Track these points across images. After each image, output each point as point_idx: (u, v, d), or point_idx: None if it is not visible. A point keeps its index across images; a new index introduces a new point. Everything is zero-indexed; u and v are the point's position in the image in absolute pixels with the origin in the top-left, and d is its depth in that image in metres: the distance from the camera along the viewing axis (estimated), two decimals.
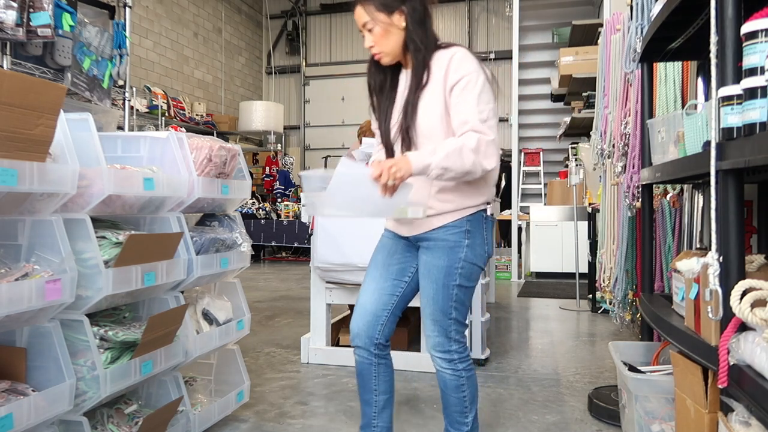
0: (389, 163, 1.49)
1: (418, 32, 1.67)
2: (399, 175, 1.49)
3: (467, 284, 1.73)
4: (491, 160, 1.58)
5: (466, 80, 1.60)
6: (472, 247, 1.72)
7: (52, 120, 1.45)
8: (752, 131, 1.17)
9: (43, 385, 1.54)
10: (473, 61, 1.64)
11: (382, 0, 1.67)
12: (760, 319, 1.11)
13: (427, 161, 1.53)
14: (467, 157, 1.54)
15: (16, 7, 2.27)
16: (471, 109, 1.59)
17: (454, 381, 1.75)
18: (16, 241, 1.57)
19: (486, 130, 1.57)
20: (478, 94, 1.60)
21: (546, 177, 8.16)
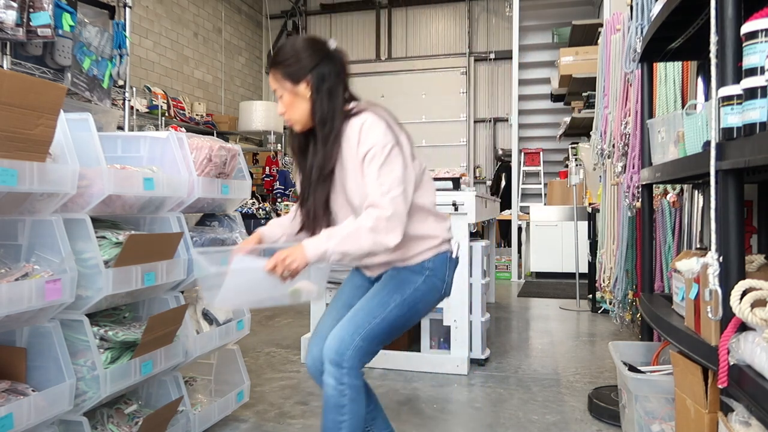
0: (283, 255, 1.48)
1: (323, 104, 1.63)
2: (293, 267, 1.48)
3: (406, 309, 1.65)
4: (393, 235, 1.52)
5: (372, 153, 1.56)
6: (430, 279, 1.68)
7: (52, 120, 1.45)
8: (752, 131, 1.17)
9: (43, 385, 1.54)
10: (381, 128, 1.59)
11: (289, 69, 1.64)
12: (760, 319, 1.11)
13: (323, 248, 1.50)
14: (364, 238, 1.50)
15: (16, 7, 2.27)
16: (372, 182, 1.55)
17: (335, 397, 1.56)
18: (16, 241, 1.57)
19: (385, 204, 1.51)
20: (380, 166, 1.55)
21: (546, 177, 8.15)
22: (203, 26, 8.26)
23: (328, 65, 1.66)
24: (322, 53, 1.67)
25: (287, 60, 1.65)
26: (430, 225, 1.69)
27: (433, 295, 1.71)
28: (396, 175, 1.56)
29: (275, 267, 1.47)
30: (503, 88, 9.07)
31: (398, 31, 9.59)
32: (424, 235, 1.67)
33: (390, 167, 1.56)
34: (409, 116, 9.22)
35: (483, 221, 4.62)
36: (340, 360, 1.55)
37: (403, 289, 1.65)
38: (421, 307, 1.70)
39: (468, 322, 3.15)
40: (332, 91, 1.64)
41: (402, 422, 2.42)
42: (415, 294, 1.66)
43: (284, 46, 1.68)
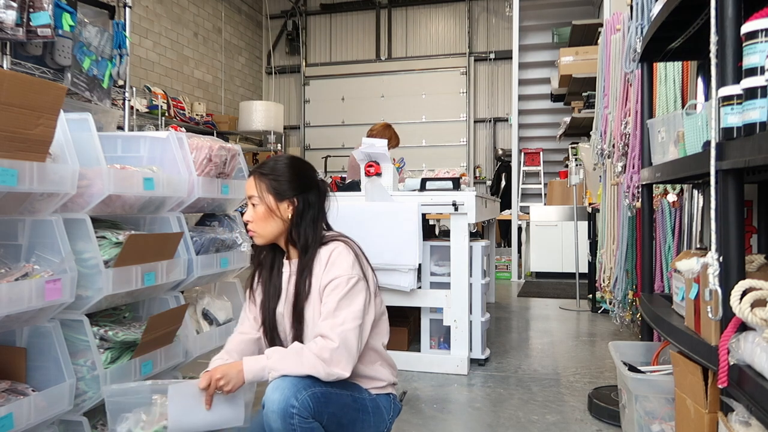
0: (218, 375, 1.46)
1: (306, 229, 1.62)
2: (227, 388, 1.46)
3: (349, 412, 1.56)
4: (338, 368, 1.47)
5: (336, 283, 1.55)
6: (373, 404, 1.63)
7: (52, 120, 1.45)
8: (752, 131, 1.17)
9: (43, 385, 1.54)
10: (349, 260, 1.58)
11: (277, 184, 1.62)
12: (760, 319, 1.11)
13: (262, 364, 1.48)
14: (308, 359, 1.46)
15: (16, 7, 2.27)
16: (328, 313, 1.53)
17: None
18: (16, 241, 1.57)
19: (334, 336, 1.48)
20: (339, 298, 1.53)
21: (546, 177, 8.15)
22: (203, 26, 8.26)
23: (315, 193, 1.66)
24: (312, 180, 1.68)
25: (279, 175, 1.63)
26: (377, 369, 1.66)
27: (378, 421, 1.63)
28: (354, 309, 1.53)
29: (208, 386, 1.46)
30: (503, 88, 9.07)
31: (398, 31, 9.59)
32: (371, 376, 1.65)
33: (350, 300, 1.54)
34: (409, 116, 9.24)
35: (483, 221, 4.62)
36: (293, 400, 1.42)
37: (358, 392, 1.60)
38: (367, 419, 1.61)
39: (468, 322, 3.15)
40: (316, 219, 1.65)
41: (402, 422, 2.42)
42: (367, 403, 1.61)
43: (278, 161, 1.67)
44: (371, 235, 3.09)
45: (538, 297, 5.78)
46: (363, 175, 3.25)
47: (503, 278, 7.05)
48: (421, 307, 3.23)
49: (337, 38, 9.87)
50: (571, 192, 6.11)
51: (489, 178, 9.08)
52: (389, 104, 9.28)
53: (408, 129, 8.97)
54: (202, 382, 1.47)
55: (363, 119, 8.82)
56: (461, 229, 3.12)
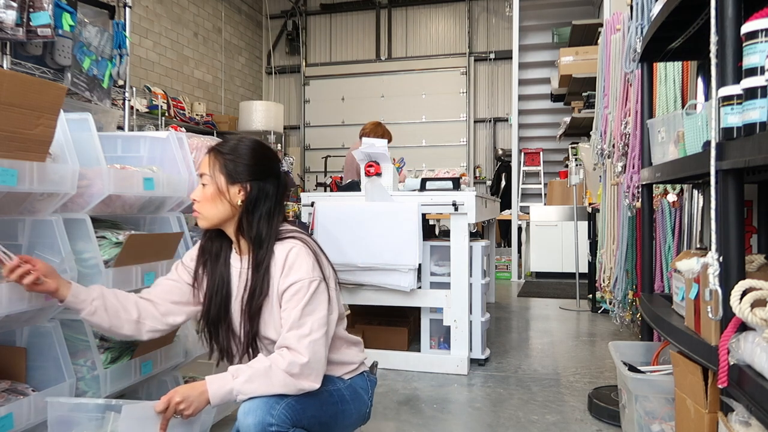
0: (177, 398, 1.34)
1: (260, 222, 1.51)
2: (188, 412, 1.34)
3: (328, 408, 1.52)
4: (308, 381, 1.40)
5: (296, 288, 1.46)
6: (350, 390, 1.59)
7: (52, 120, 1.45)
8: (752, 131, 1.17)
9: (43, 385, 1.54)
10: (309, 262, 1.49)
11: (231, 165, 1.51)
12: (760, 319, 1.11)
13: (229, 386, 1.37)
14: (276, 378, 1.38)
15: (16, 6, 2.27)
16: (292, 322, 1.43)
17: None
18: (16, 241, 1.57)
19: (302, 349, 1.40)
20: (303, 306, 1.44)
21: (546, 177, 8.15)
22: (203, 26, 8.26)
23: (273, 184, 1.54)
24: (272, 170, 1.56)
25: (235, 156, 1.52)
26: (345, 353, 1.63)
27: (359, 405, 1.61)
28: (319, 317, 1.46)
29: (166, 409, 1.33)
30: (503, 88, 9.06)
31: (398, 31, 9.59)
32: (342, 361, 1.61)
33: (313, 307, 1.46)
34: (409, 116, 9.24)
35: (483, 221, 4.62)
36: (269, 417, 1.37)
37: (332, 384, 1.56)
38: (347, 408, 1.58)
39: (468, 322, 3.15)
40: (271, 213, 1.53)
41: (402, 422, 2.42)
42: (344, 392, 1.58)
43: (240, 141, 1.55)
44: (371, 235, 3.09)
45: (538, 297, 5.78)
46: (363, 175, 3.25)
47: (503, 278, 7.05)
48: (421, 307, 3.23)
49: (337, 38, 9.87)
50: (571, 192, 6.11)
51: (489, 178, 9.08)
52: (389, 104, 9.28)
53: (408, 129, 8.98)
54: (160, 405, 1.34)
55: (363, 119, 8.78)
56: (461, 229, 3.12)
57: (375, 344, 3.34)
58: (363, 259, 3.10)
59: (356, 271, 3.14)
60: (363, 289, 3.23)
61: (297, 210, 8.22)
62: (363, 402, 1.63)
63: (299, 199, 4.07)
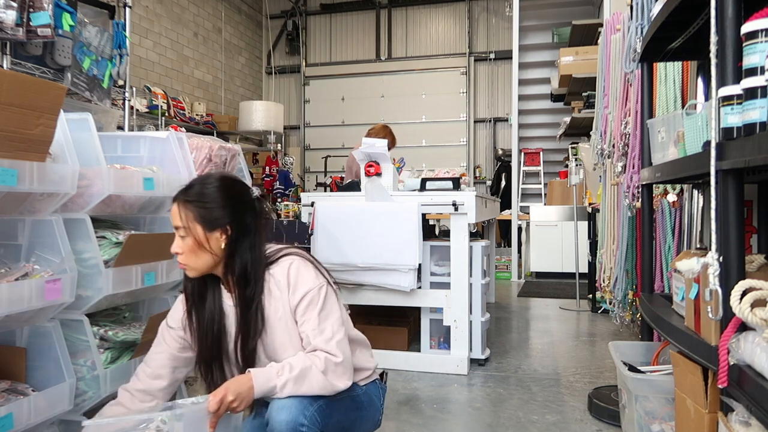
0: (231, 396, 1.35)
1: (243, 257, 1.47)
2: (240, 406, 1.37)
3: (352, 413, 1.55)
4: (343, 381, 1.45)
5: (309, 298, 1.47)
6: (366, 397, 1.61)
7: (52, 120, 1.45)
8: (752, 131, 1.17)
9: (43, 385, 1.54)
10: (310, 273, 1.50)
11: (204, 212, 1.45)
12: (760, 319, 1.11)
13: (272, 383, 1.39)
14: (315, 379, 1.41)
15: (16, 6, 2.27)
16: (313, 329, 1.46)
17: None
18: (16, 241, 1.57)
19: (334, 349, 1.44)
20: (319, 312, 1.47)
21: (546, 177, 8.15)
22: (203, 26, 8.26)
23: (250, 215, 1.50)
24: (245, 201, 1.51)
25: (207, 202, 1.45)
26: (360, 358, 1.63)
27: (374, 412, 1.64)
28: (336, 318, 1.49)
29: (219, 409, 1.34)
30: (503, 88, 9.06)
31: (398, 31, 9.59)
32: (358, 367, 1.61)
33: (329, 311, 1.49)
34: (409, 116, 9.24)
35: (483, 221, 4.62)
36: (302, 418, 1.40)
37: (353, 390, 1.55)
38: (366, 414, 1.60)
39: (468, 322, 3.15)
40: (254, 245, 1.49)
41: (402, 422, 2.42)
42: (362, 397, 1.59)
43: (206, 184, 1.48)
44: (371, 235, 3.09)
45: (538, 297, 5.78)
46: (363, 175, 3.25)
47: (503, 278, 7.05)
48: (421, 307, 3.23)
49: (337, 38, 9.87)
50: (571, 192, 6.11)
51: (489, 178, 9.08)
52: (389, 104, 9.28)
53: (408, 129, 8.97)
54: (213, 405, 1.33)
55: (363, 119, 8.82)
56: (461, 229, 3.12)
57: (375, 344, 3.30)
58: (363, 259, 3.10)
59: (356, 271, 3.14)
60: (363, 289, 3.23)
61: (297, 210, 8.22)
62: (376, 409, 1.66)
63: (299, 199, 4.06)
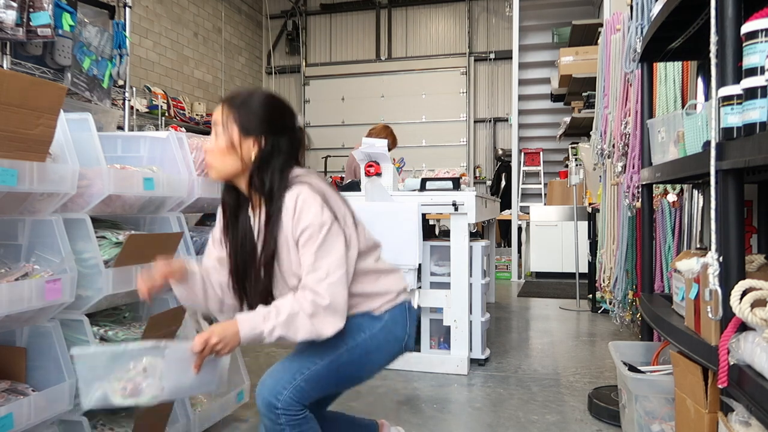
0: (215, 338, 1.35)
1: (272, 176, 1.47)
2: (225, 350, 1.38)
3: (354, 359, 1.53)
4: (330, 325, 1.42)
5: (309, 233, 1.44)
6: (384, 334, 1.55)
7: (52, 120, 1.45)
8: (752, 131, 1.17)
9: (43, 385, 1.55)
10: (316, 206, 1.45)
11: (246, 118, 1.47)
12: (760, 319, 1.11)
13: (259, 330, 1.39)
14: (302, 324, 1.40)
15: (16, 6, 2.27)
16: (308, 265, 1.43)
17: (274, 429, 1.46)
18: (16, 241, 1.57)
19: (323, 291, 1.40)
20: (317, 248, 1.43)
21: (546, 177, 8.15)
22: (203, 26, 8.26)
23: (287, 139, 1.52)
24: (287, 125, 1.53)
25: (250, 109, 1.48)
26: (381, 282, 1.59)
27: (391, 346, 1.58)
28: (335, 258, 1.44)
29: (203, 350, 1.35)
30: (503, 88, 9.06)
31: (398, 31, 9.59)
32: (379, 292, 1.58)
33: (327, 249, 1.44)
34: (409, 116, 9.24)
35: (483, 221, 4.62)
36: (275, 401, 1.43)
37: (357, 335, 1.52)
38: (375, 357, 1.56)
39: (468, 322, 3.15)
40: (284, 167, 1.50)
41: (402, 422, 2.42)
42: (370, 341, 1.54)
43: (253, 95, 1.52)
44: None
45: (538, 297, 5.78)
46: (363, 175, 3.25)
47: (503, 278, 7.05)
48: (421, 307, 3.23)
49: (337, 38, 9.87)
50: (571, 192, 6.11)
51: (489, 178, 9.08)
52: (389, 104, 9.28)
53: (408, 129, 8.97)
54: (197, 346, 1.35)
55: (363, 119, 8.82)
56: (461, 229, 3.12)
57: None
58: None
59: None
60: None
61: None
62: (396, 339, 1.58)
63: None
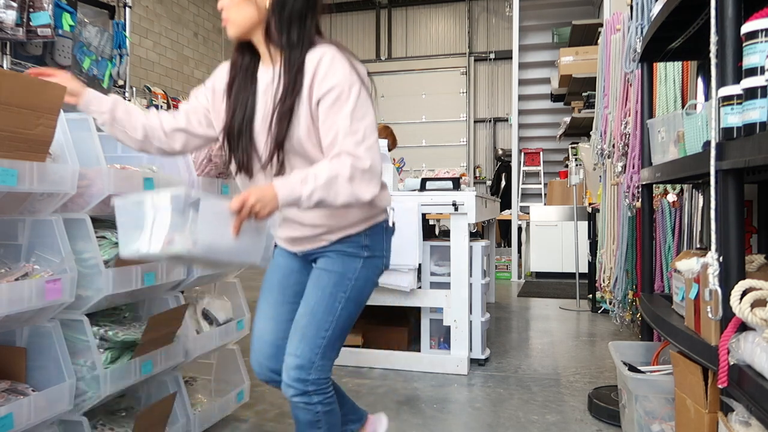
0: (252, 200, 1.26)
1: (291, 23, 1.39)
2: (263, 213, 1.27)
3: (354, 303, 1.49)
4: (369, 189, 1.35)
5: (337, 93, 1.34)
6: (370, 260, 1.51)
7: (52, 120, 1.45)
8: (752, 131, 1.18)
9: (43, 385, 1.54)
10: (345, 66, 1.37)
11: None
12: (760, 319, 1.11)
13: (297, 194, 1.29)
14: (342, 189, 1.31)
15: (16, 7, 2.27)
16: (343, 128, 1.34)
17: (308, 416, 1.47)
18: (16, 241, 1.57)
19: (362, 154, 1.33)
20: (351, 110, 1.34)
21: (546, 177, 8.15)
22: (203, 26, 8.26)
23: None
24: None
25: None
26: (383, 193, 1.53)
27: (374, 274, 1.54)
28: (369, 122, 1.37)
29: (241, 209, 1.25)
30: (503, 88, 9.07)
31: (398, 31, 9.59)
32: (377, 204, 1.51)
33: (362, 112, 1.36)
34: (409, 116, 9.25)
35: (483, 221, 4.62)
36: (306, 385, 1.43)
37: (345, 284, 1.48)
38: (366, 292, 1.53)
39: (468, 322, 3.15)
40: (303, 15, 1.41)
41: (402, 422, 2.42)
42: (357, 284, 1.49)
43: None
44: None
45: (538, 297, 5.78)
46: None
47: (503, 278, 7.05)
48: (421, 307, 3.23)
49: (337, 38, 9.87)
50: (571, 192, 6.11)
51: (489, 178, 9.09)
52: (389, 104, 9.28)
53: (408, 129, 8.98)
54: (235, 204, 1.25)
55: None
56: (461, 229, 3.12)
57: (375, 344, 3.34)
58: None
59: None
60: None
61: None
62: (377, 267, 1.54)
63: None
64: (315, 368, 1.43)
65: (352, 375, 3.07)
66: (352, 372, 3.13)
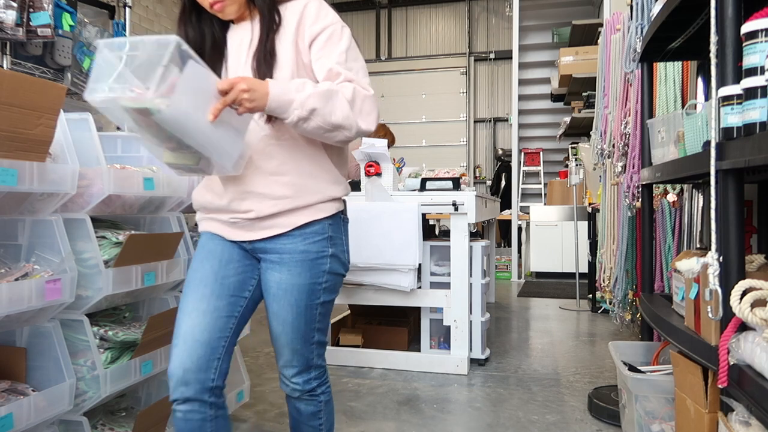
0: (243, 85, 1.14)
1: None
2: (249, 104, 1.16)
3: (330, 298, 1.43)
4: (369, 119, 1.27)
5: (330, 32, 1.31)
6: (336, 255, 1.41)
7: (52, 120, 1.45)
8: (752, 131, 1.17)
9: (43, 385, 1.54)
10: (333, 11, 1.35)
11: None
12: (760, 318, 1.11)
13: (291, 96, 1.19)
14: (340, 105, 1.22)
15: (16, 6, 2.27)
16: (341, 62, 1.29)
17: (311, 408, 1.47)
18: (16, 241, 1.57)
19: (365, 84, 1.29)
20: (346, 49, 1.30)
21: (546, 177, 8.15)
22: None
23: None
24: None
25: None
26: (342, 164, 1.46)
27: (342, 268, 1.45)
28: (363, 65, 1.32)
29: (230, 90, 1.14)
30: (503, 88, 9.07)
31: (398, 31, 9.59)
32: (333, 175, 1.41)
33: (356, 53, 1.32)
34: (409, 116, 9.24)
35: (483, 221, 4.62)
36: (309, 383, 1.44)
37: (317, 291, 1.38)
38: (338, 286, 1.46)
39: (468, 322, 3.15)
40: None
41: (402, 422, 2.42)
42: (328, 285, 1.40)
43: None
44: (371, 235, 3.09)
45: (538, 297, 5.78)
46: (363, 175, 3.25)
47: (503, 278, 7.04)
48: (421, 307, 3.23)
49: None
50: (571, 192, 6.11)
51: (489, 178, 9.09)
52: (389, 104, 9.28)
53: (408, 129, 8.98)
54: (223, 84, 1.14)
55: None
56: (461, 229, 3.12)
57: (375, 344, 3.34)
58: (363, 259, 3.10)
59: (356, 270, 3.14)
60: (363, 289, 3.23)
61: None
62: (343, 264, 1.45)
63: None
64: (314, 366, 1.46)
65: (352, 375, 3.07)
66: (352, 372, 3.13)
